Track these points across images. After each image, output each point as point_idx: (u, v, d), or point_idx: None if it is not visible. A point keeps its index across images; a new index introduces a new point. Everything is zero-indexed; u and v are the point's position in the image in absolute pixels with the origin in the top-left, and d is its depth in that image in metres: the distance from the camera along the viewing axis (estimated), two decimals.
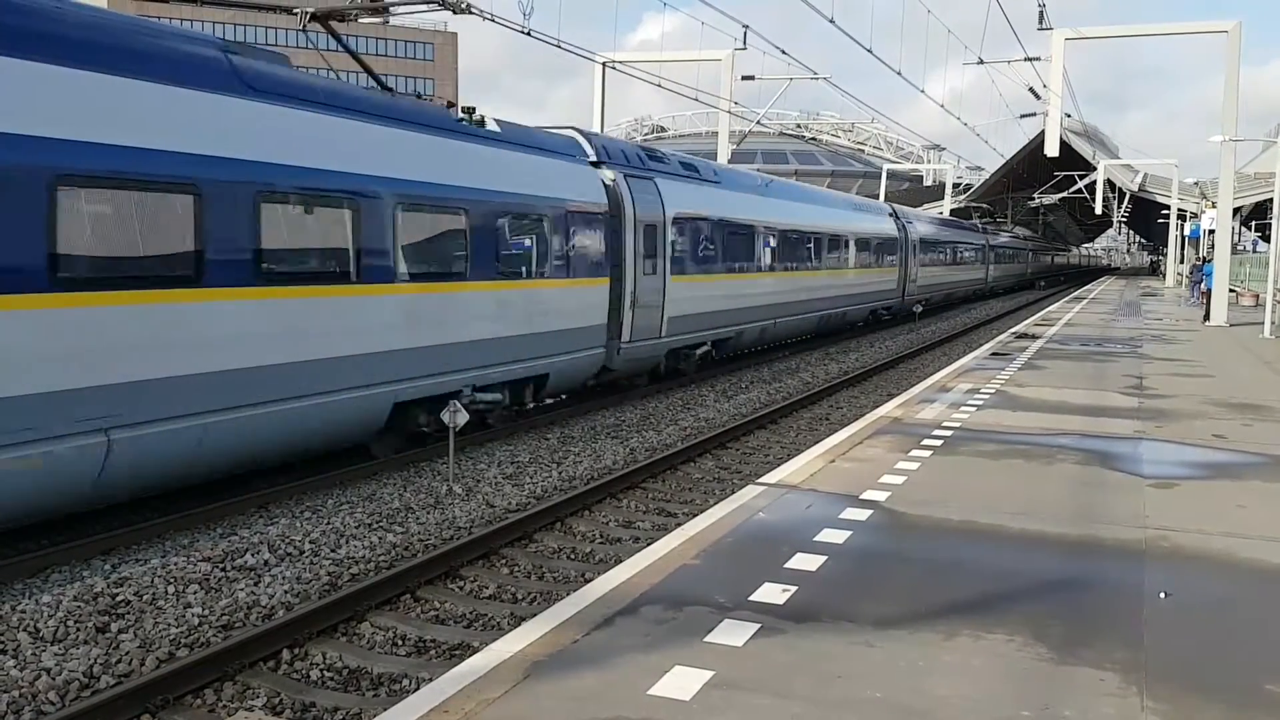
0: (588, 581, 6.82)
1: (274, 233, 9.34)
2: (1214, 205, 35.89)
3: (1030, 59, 30.04)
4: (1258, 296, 34.22)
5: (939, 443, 10.15)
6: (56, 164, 7.51)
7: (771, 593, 5.67)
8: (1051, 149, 38.57)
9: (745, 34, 25.91)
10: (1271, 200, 51.21)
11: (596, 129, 29.13)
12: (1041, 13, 26.27)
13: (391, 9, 13.79)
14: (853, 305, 28.60)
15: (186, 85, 8.74)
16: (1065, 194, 68.01)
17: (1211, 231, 35.20)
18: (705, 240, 18.75)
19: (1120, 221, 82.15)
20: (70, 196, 7.65)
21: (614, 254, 15.52)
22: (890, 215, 34.15)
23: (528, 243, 13.61)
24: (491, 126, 13.29)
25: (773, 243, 22.27)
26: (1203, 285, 33.32)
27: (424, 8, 12.74)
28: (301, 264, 9.80)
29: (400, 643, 6.90)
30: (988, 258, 53.87)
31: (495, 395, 12.63)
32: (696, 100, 27.33)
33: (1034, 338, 22.77)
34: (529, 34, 16.49)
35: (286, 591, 7.58)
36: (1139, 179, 60.57)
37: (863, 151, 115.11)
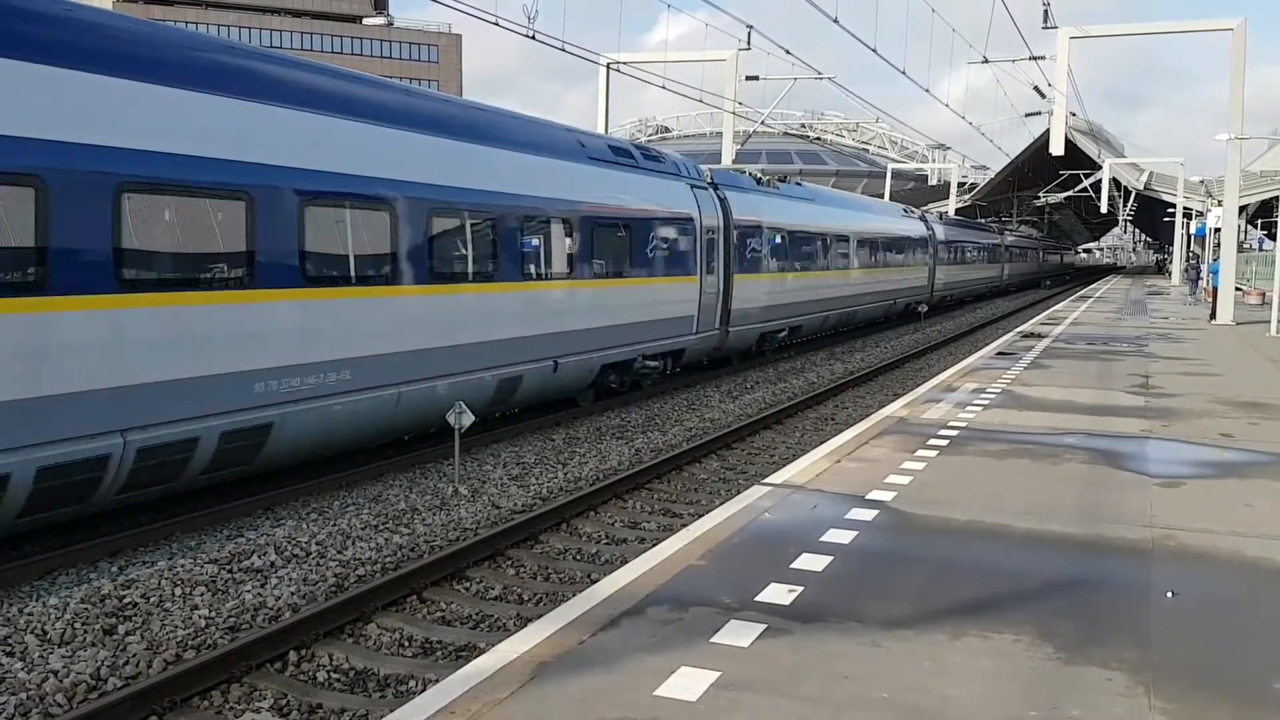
0: (594, 582, 6.82)
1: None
2: (1220, 203, 35.80)
3: (1035, 58, 29.97)
4: (1264, 294, 34.14)
5: (945, 442, 10.14)
6: None
7: (778, 593, 5.66)
8: (1056, 148, 38.51)
9: (749, 34, 25.93)
10: (1278, 198, 51.27)
11: (601, 130, 29.14)
12: (1046, 11, 26.22)
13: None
14: (536, 361, 13.32)
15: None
16: (1070, 193, 67.89)
17: (1217, 230, 35.12)
18: None
19: (1126, 220, 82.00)
20: None
21: None
22: (693, 182, 18.54)
23: None
24: None
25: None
26: (1205, 283, 33.22)
27: None
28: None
29: (407, 644, 6.91)
30: (927, 258, 37.31)
31: None
32: (701, 101, 27.28)
33: (1040, 337, 22.73)
34: (533, 37, 16.53)
35: (293, 593, 7.59)
36: (1144, 178, 60.41)
37: (867, 151, 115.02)
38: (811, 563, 6.21)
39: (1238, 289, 33.33)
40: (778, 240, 22.20)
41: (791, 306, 23.02)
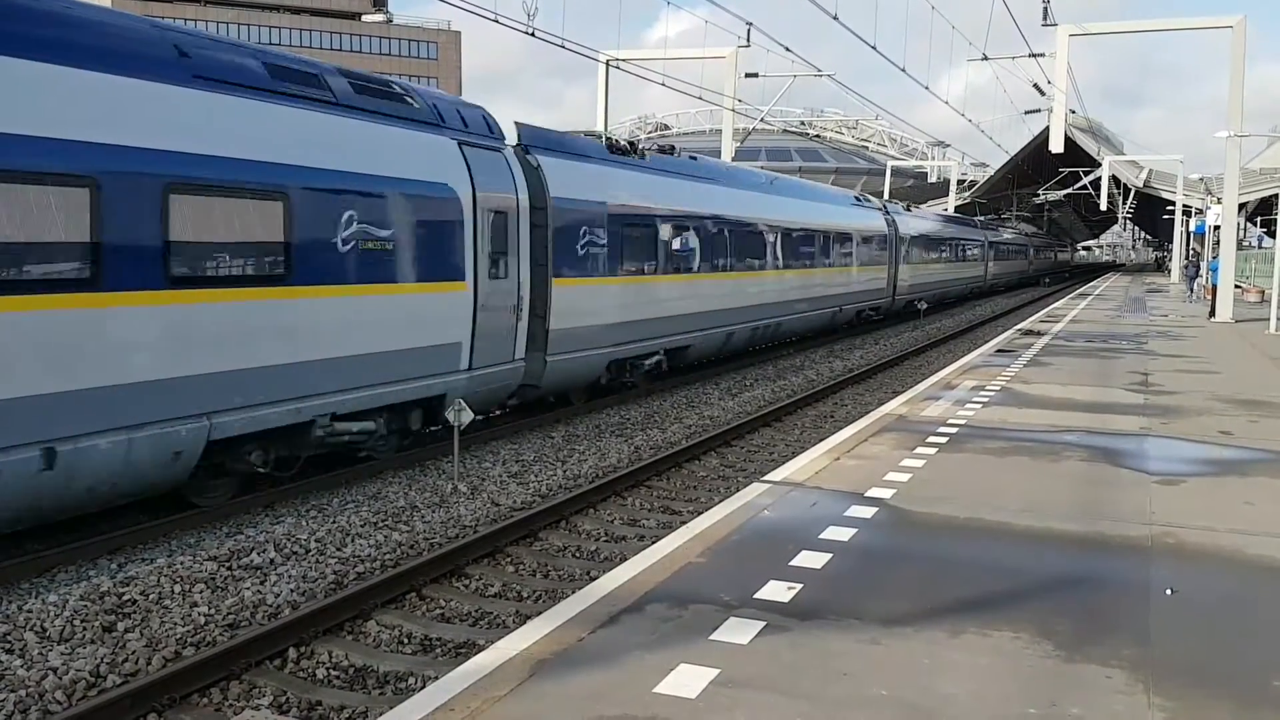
0: (593, 580, 6.81)
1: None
2: (1219, 201, 35.81)
3: (1035, 55, 29.98)
4: (1263, 292, 34.13)
5: (944, 440, 10.14)
6: None
7: (777, 590, 5.66)
8: (1056, 145, 38.51)
9: (749, 31, 25.95)
10: (1277, 196, 51.28)
11: (600, 126, 29.18)
12: (1046, 9, 26.20)
13: None
14: None
15: None
16: (1070, 190, 67.90)
17: (1217, 227, 35.12)
18: None
19: (1125, 218, 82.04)
20: None
21: None
22: (467, 138, 12.42)
23: None
24: None
25: None
26: (1205, 281, 33.21)
27: None
28: None
29: (406, 641, 6.91)
30: (886, 256, 31.51)
31: None
32: (701, 99, 27.23)
33: (1039, 334, 22.73)
34: (533, 34, 16.52)
35: (292, 590, 7.59)
36: (1144, 175, 60.43)
37: (867, 149, 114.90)
38: (811, 560, 6.21)
39: (1237, 286, 33.34)
40: (642, 230, 16.14)
41: (667, 322, 16.85)
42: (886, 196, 48.58)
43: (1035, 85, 32.57)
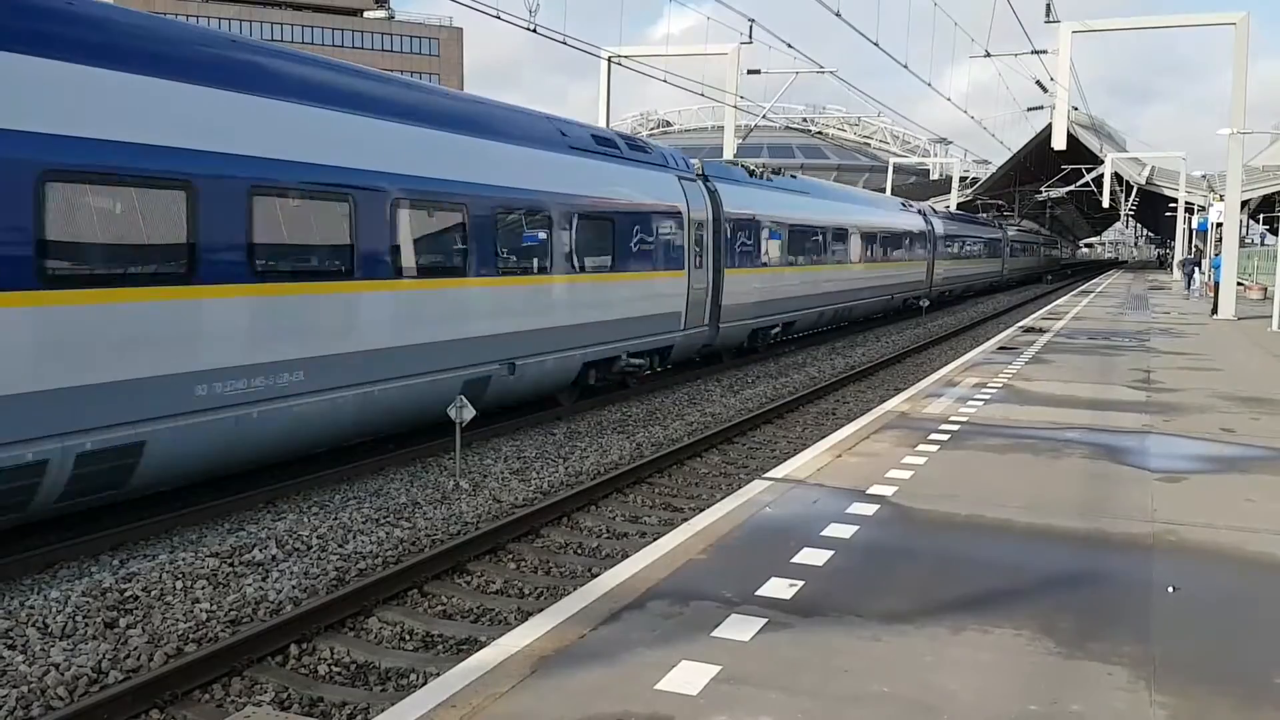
0: (594, 577, 6.82)
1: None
2: (1222, 198, 35.74)
3: (1037, 52, 29.94)
4: (1265, 290, 34.11)
5: (946, 437, 10.13)
6: None
7: (778, 587, 5.66)
8: (1058, 143, 38.42)
9: (751, 28, 25.92)
10: (1279, 193, 51.22)
11: (603, 123, 29.19)
12: (1048, 5, 26.17)
13: None
14: None
15: None
16: (1072, 187, 67.81)
17: (1219, 225, 35.06)
18: None
19: (1128, 215, 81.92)
20: None
21: None
22: None
23: None
24: None
25: None
26: (1206, 279, 33.18)
27: None
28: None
29: (408, 638, 6.91)
30: (684, 266, 17.01)
31: None
32: (703, 96, 27.15)
33: (1041, 332, 22.71)
34: (534, 30, 16.52)
35: (294, 586, 7.60)
36: (1146, 172, 60.35)
37: (869, 146, 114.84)
38: (812, 557, 6.21)
39: (1239, 284, 33.31)
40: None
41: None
42: (889, 193, 47.56)
43: (1038, 82, 32.57)
